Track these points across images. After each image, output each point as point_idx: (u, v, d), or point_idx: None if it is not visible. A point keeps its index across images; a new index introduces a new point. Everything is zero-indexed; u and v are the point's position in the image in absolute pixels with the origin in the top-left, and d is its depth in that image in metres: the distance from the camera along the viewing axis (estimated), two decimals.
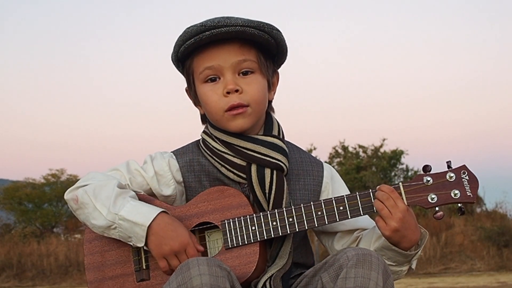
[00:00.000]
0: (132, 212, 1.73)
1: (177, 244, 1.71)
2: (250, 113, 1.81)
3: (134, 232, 1.73)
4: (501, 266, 13.72)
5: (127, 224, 1.73)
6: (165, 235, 1.71)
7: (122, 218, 1.73)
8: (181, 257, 1.71)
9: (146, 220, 1.71)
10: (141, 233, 1.72)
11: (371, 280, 1.57)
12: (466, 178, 1.73)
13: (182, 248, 1.71)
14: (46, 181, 20.39)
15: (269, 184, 1.79)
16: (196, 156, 1.89)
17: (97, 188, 1.79)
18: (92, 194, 1.78)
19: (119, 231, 1.75)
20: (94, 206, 1.77)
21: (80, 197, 1.81)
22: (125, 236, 1.75)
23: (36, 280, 15.37)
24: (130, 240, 1.76)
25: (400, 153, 18.38)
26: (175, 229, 1.72)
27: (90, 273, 1.86)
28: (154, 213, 1.73)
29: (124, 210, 1.73)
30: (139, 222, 1.71)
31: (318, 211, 1.74)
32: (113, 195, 1.76)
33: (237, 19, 1.76)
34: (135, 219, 1.72)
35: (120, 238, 1.77)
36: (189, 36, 1.78)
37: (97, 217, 1.77)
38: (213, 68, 1.81)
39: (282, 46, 1.86)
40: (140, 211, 1.73)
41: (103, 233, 1.79)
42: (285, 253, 1.80)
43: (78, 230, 18.14)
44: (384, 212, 1.69)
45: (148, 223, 1.71)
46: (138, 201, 1.78)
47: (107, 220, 1.75)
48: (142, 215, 1.72)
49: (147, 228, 1.71)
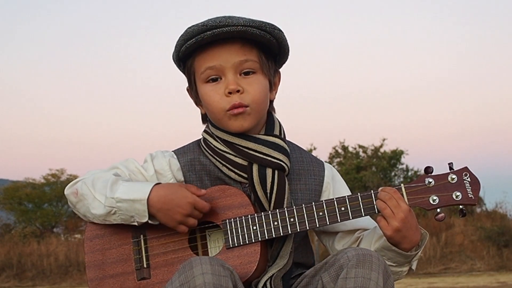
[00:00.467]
0: (127, 192, 1.75)
1: (186, 208, 1.73)
2: (250, 113, 1.80)
3: (135, 210, 1.74)
4: (501, 266, 13.72)
5: (126, 204, 1.74)
6: (169, 205, 1.73)
7: (119, 200, 1.75)
8: (194, 214, 1.74)
9: (143, 194, 1.73)
10: (142, 208, 1.73)
11: (372, 280, 1.57)
12: (468, 180, 1.73)
13: (191, 208, 1.73)
14: (46, 181, 20.40)
15: (270, 184, 1.79)
16: (197, 155, 1.89)
17: (95, 179, 1.82)
18: (91, 185, 1.80)
19: (120, 214, 1.76)
20: (93, 196, 1.79)
21: (79, 189, 1.82)
22: (126, 217, 1.76)
23: (36, 280, 15.36)
24: (133, 220, 1.77)
25: (400, 153, 18.38)
26: (175, 195, 1.73)
27: (90, 271, 1.86)
28: (149, 186, 1.75)
29: (119, 192, 1.75)
30: (137, 198, 1.73)
31: (320, 211, 1.74)
32: (109, 183, 1.78)
33: (239, 19, 1.75)
34: (133, 197, 1.74)
35: (122, 222, 1.78)
36: (190, 35, 1.77)
37: (96, 206, 1.79)
38: (214, 68, 1.80)
39: (284, 46, 1.85)
40: (134, 188, 1.75)
41: (105, 221, 1.80)
42: (286, 253, 1.80)
43: (78, 230, 18.15)
44: (387, 212, 1.69)
45: (146, 196, 1.73)
46: (130, 181, 1.80)
47: (106, 206, 1.77)
48: (138, 191, 1.74)
49: (146, 201, 1.72)
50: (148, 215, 1.74)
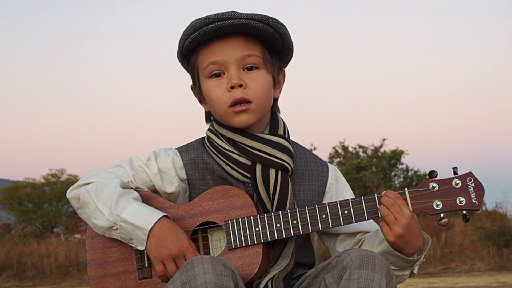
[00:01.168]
0: (133, 215, 1.72)
1: (176, 249, 1.69)
2: (254, 109, 1.79)
3: (135, 235, 1.72)
4: (501, 266, 13.73)
5: (128, 227, 1.72)
6: (164, 238, 1.70)
7: (123, 220, 1.72)
8: (179, 262, 1.70)
9: (148, 224, 1.70)
10: (142, 237, 1.71)
11: (374, 282, 1.56)
12: (472, 185, 1.72)
13: (181, 253, 1.70)
14: (46, 181, 20.40)
15: (273, 185, 1.78)
16: (201, 153, 1.87)
17: (99, 187, 1.78)
18: (94, 194, 1.77)
19: (121, 232, 1.74)
20: (96, 206, 1.76)
21: (82, 196, 1.80)
22: (126, 237, 1.75)
23: (36, 280, 15.36)
24: (131, 242, 1.75)
25: (400, 153, 18.38)
26: (175, 234, 1.71)
27: (91, 269, 1.86)
28: (156, 217, 1.72)
29: (126, 212, 1.72)
30: (141, 226, 1.70)
31: (323, 214, 1.73)
32: (115, 196, 1.75)
33: (242, 13, 1.75)
34: (137, 222, 1.71)
35: (121, 239, 1.77)
36: (193, 29, 1.76)
37: (98, 217, 1.76)
38: (217, 63, 1.79)
39: (288, 42, 1.84)
40: (141, 214, 1.72)
41: (104, 234, 1.78)
42: (287, 254, 1.79)
43: (78, 230, 18.15)
44: (389, 218, 1.68)
45: (149, 227, 1.70)
46: (140, 203, 1.76)
47: (109, 221, 1.74)
48: (143, 219, 1.71)
49: (148, 232, 1.70)
50: (146, 244, 1.71)
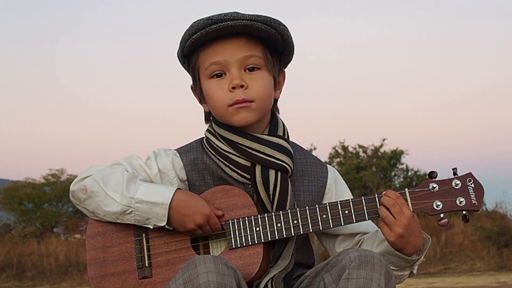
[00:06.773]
0: (148, 194, 1.74)
1: (200, 218, 1.73)
2: (255, 108, 1.79)
3: (154, 213, 1.74)
4: (501, 266, 13.73)
5: (145, 206, 1.74)
6: (187, 211, 1.73)
7: (139, 201, 1.74)
8: (204, 228, 1.75)
9: (165, 198, 1.73)
10: (162, 212, 1.73)
11: (373, 281, 1.56)
12: (471, 186, 1.72)
13: (205, 220, 1.74)
14: (46, 181, 20.39)
15: (273, 186, 1.79)
16: (200, 154, 1.87)
17: (105, 176, 1.80)
18: (102, 182, 1.79)
19: (135, 215, 1.76)
20: (105, 193, 1.77)
21: (89, 186, 1.80)
22: (142, 219, 1.76)
23: (36, 280, 15.37)
24: (148, 222, 1.76)
25: (400, 153, 18.38)
26: (194, 204, 1.74)
27: (92, 269, 1.85)
28: (172, 190, 1.75)
29: (139, 193, 1.75)
30: (159, 202, 1.73)
31: (323, 214, 1.74)
32: (124, 181, 1.77)
33: (244, 14, 1.74)
34: (154, 199, 1.73)
35: (135, 222, 1.78)
36: (195, 29, 1.76)
37: (109, 204, 1.77)
38: (219, 63, 1.79)
39: (289, 43, 1.84)
40: (156, 191, 1.75)
41: (117, 219, 1.79)
42: (288, 254, 1.80)
43: (78, 230, 18.16)
44: (389, 219, 1.69)
45: (168, 201, 1.73)
46: (150, 183, 1.80)
47: (122, 205, 1.75)
48: (159, 195, 1.74)
49: (168, 206, 1.73)
50: (166, 219, 1.74)
